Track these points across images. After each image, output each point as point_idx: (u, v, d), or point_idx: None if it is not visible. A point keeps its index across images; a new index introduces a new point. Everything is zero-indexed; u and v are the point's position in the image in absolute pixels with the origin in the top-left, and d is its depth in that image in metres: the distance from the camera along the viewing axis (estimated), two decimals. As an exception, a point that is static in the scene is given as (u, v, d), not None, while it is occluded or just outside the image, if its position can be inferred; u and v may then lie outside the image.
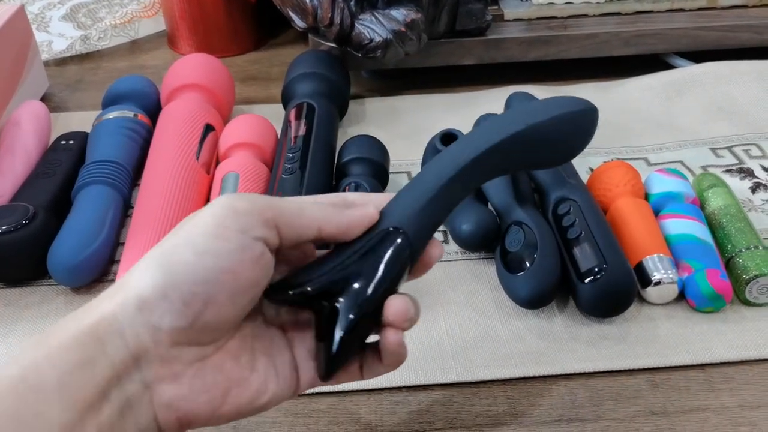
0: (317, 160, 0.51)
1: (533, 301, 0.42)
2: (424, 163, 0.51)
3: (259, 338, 0.30)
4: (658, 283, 0.43)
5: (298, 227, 0.29)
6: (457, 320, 0.43)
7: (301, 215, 0.29)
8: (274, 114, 0.60)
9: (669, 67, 0.69)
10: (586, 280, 0.42)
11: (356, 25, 0.59)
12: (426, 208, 0.31)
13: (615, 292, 0.41)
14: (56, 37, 0.75)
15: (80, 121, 0.62)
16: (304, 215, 0.29)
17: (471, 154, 0.32)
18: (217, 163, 0.54)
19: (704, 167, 0.56)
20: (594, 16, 0.68)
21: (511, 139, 0.33)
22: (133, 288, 0.26)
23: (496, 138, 0.33)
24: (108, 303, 0.27)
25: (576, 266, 0.43)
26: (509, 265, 0.43)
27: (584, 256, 0.43)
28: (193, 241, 0.27)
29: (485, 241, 0.46)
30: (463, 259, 0.48)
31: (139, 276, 0.27)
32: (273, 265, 0.29)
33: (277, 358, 0.31)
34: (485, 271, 0.47)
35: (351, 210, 0.31)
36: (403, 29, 0.58)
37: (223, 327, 0.28)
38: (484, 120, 0.53)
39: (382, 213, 0.31)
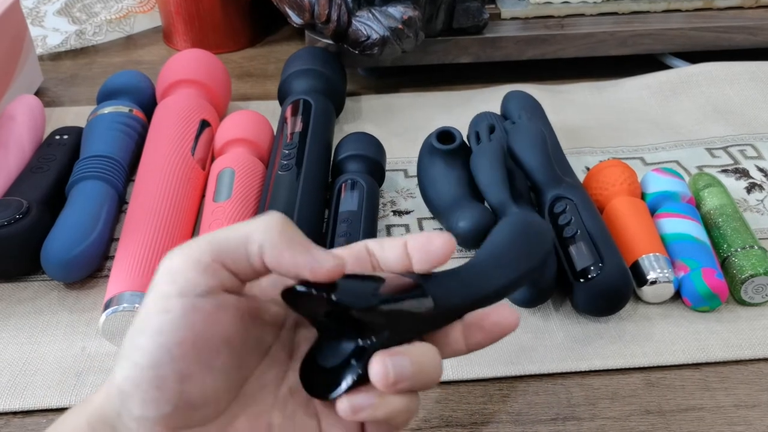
0: (314, 156, 0.50)
1: (530, 301, 0.42)
2: (420, 161, 0.51)
3: (278, 411, 0.28)
4: (653, 282, 0.43)
5: (246, 261, 0.26)
6: (453, 318, 0.43)
7: (245, 246, 0.26)
8: (270, 111, 0.60)
9: (665, 67, 0.69)
10: (582, 279, 0.41)
11: (353, 22, 0.59)
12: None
13: (610, 291, 0.41)
14: (51, 32, 0.75)
15: (75, 115, 0.62)
16: (250, 246, 0.26)
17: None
18: (213, 159, 0.54)
19: (700, 167, 0.56)
20: (591, 15, 0.68)
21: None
22: (114, 380, 0.25)
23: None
24: (99, 396, 0.26)
25: (572, 265, 0.43)
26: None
27: (580, 255, 0.43)
28: (143, 323, 0.25)
29: (482, 239, 0.46)
30: (460, 257, 0.48)
31: (118, 367, 0.25)
32: (245, 307, 0.27)
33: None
34: (481, 270, 0.46)
35: (305, 253, 0.26)
36: (400, 27, 0.58)
37: (215, 397, 0.26)
38: (480, 121, 0.53)
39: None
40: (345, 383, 0.27)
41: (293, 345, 0.29)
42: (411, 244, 0.29)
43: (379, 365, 0.25)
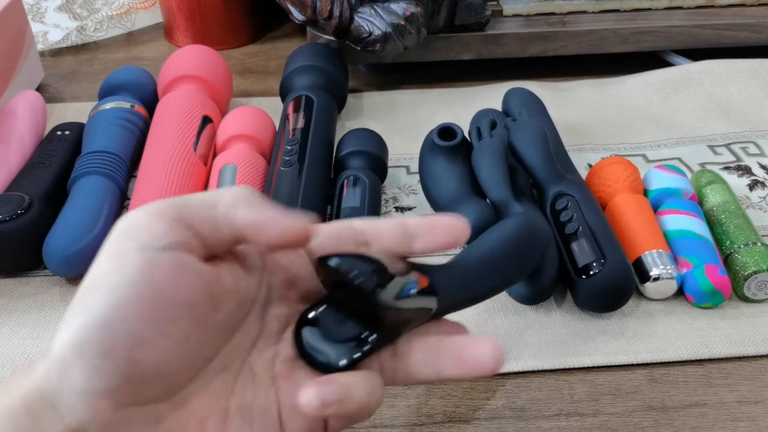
0: (316, 152, 0.50)
1: (532, 298, 0.42)
2: (421, 157, 0.51)
3: (237, 396, 0.25)
4: (656, 279, 0.43)
5: (211, 223, 0.24)
6: (454, 315, 0.43)
7: (212, 207, 0.25)
8: (271, 107, 0.60)
9: (667, 64, 0.69)
10: (584, 276, 0.41)
11: (355, 18, 0.59)
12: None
13: (612, 288, 0.41)
14: (52, 28, 0.75)
15: (76, 111, 0.62)
16: (217, 207, 0.25)
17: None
18: (215, 155, 0.54)
19: (702, 164, 0.56)
20: (593, 12, 0.68)
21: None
22: (54, 352, 0.22)
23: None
24: (36, 372, 0.23)
25: (574, 262, 0.43)
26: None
27: (582, 251, 0.42)
28: (93, 282, 0.23)
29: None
30: (462, 254, 0.47)
31: (59, 334, 0.23)
32: (208, 273, 0.24)
33: (256, 423, 0.25)
34: (484, 266, 0.46)
35: (276, 212, 0.25)
36: (402, 23, 0.58)
37: (170, 372, 0.23)
38: (481, 117, 0.53)
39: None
40: (342, 361, 0.27)
41: (262, 327, 0.28)
42: (416, 223, 0.28)
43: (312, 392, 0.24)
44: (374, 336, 0.27)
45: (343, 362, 0.27)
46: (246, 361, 0.27)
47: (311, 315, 0.28)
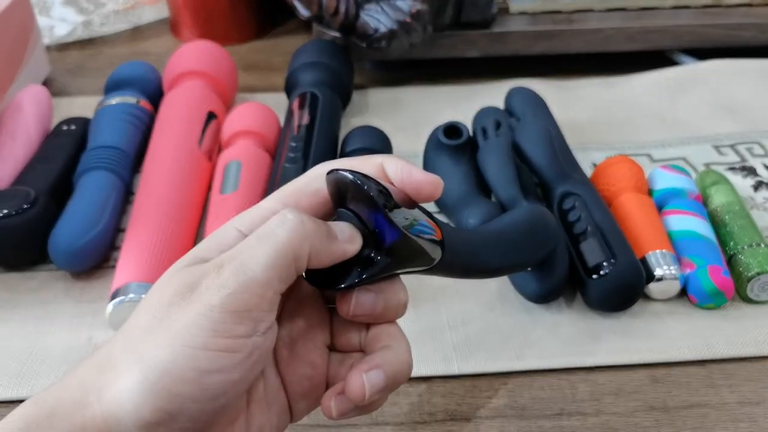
0: (320, 149, 0.50)
1: (544, 296, 0.42)
2: (426, 155, 0.51)
3: (252, 387, 0.27)
4: (660, 279, 0.43)
5: (297, 272, 0.26)
6: (459, 312, 0.43)
7: (296, 261, 0.25)
8: (276, 103, 0.60)
9: (673, 63, 0.69)
10: (594, 276, 0.41)
11: (361, 14, 0.59)
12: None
13: (624, 287, 0.41)
14: (58, 22, 0.75)
15: (82, 106, 0.62)
16: (299, 259, 0.25)
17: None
18: (220, 151, 0.54)
19: (707, 164, 0.56)
20: (599, 11, 0.68)
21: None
22: (131, 414, 0.23)
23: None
24: (98, 414, 0.23)
25: (583, 261, 0.43)
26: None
27: (591, 251, 0.42)
28: (194, 357, 0.23)
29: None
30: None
31: (135, 399, 0.23)
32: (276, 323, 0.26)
33: (273, 409, 0.28)
34: (487, 264, 0.47)
35: (339, 247, 0.26)
36: (408, 20, 0.58)
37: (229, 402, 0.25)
38: (485, 116, 0.53)
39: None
40: (346, 282, 0.27)
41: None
42: (393, 174, 0.28)
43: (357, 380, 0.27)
44: (378, 258, 0.27)
45: (347, 283, 0.27)
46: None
47: None
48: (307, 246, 0.25)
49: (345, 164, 0.28)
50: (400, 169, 0.28)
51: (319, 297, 0.30)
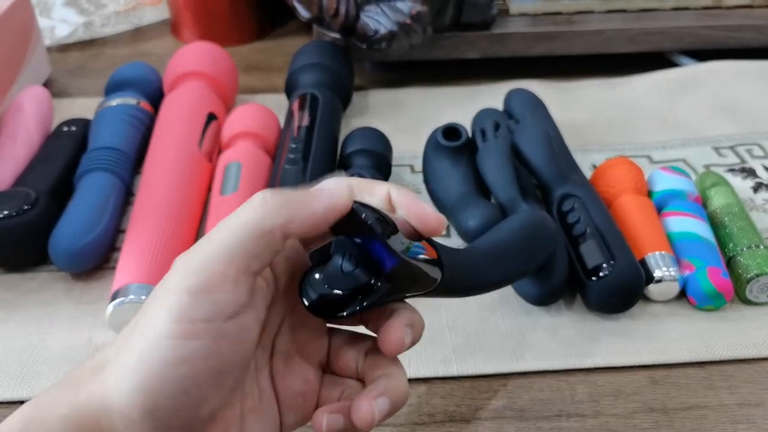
0: (320, 151, 0.50)
1: (544, 299, 0.42)
2: (425, 157, 0.51)
3: (247, 396, 0.27)
4: (659, 281, 0.43)
5: (271, 251, 0.25)
6: (459, 314, 0.43)
7: (269, 236, 0.25)
8: (277, 104, 0.60)
9: (673, 65, 0.69)
10: (594, 278, 0.42)
11: (361, 16, 0.59)
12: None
13: (624, 289, 0.41)
14: (59, 23, 0.75)
15: (83, 107, 0.62)
16: (274, 234, 0.25)
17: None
18: (220, 152, 0.54)
19: (707, 166, 0.56)
20: (599, 12, 0.68)
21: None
22: (116, 405, 0.23)
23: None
24: (81, 395, 0.24)
25: (583, 263, 0.43)
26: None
27: (591, 253, 0.43)
28: (157, 346, 0.23)
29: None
30: (465, 253, 0.48)
31: (119, 388, 0.23)
32: (257, 319, 0.25)
33: (266, 417, 0.28)
34: (487, 266, 0.47)
35: (320, 202, 0.26)
36: (408, 21, 0.58)
37: (216, 409, 0.25)
38: (484, 117, 0.53)
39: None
40: (347, 310, 0.27)
41: (265, 324, 0.28)
42: (398, 200, 0.28)
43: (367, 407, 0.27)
44: (379, 284, 0.26)
45: (348, 311, 0.27)
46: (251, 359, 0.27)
47: (315, 264, 0.27)
48: (278, 217, 0.25)
49: (354, 183, 0.28)
50: (404, 195, 0.29)
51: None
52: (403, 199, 0.28)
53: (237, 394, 0.26)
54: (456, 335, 0.42)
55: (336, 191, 0.26)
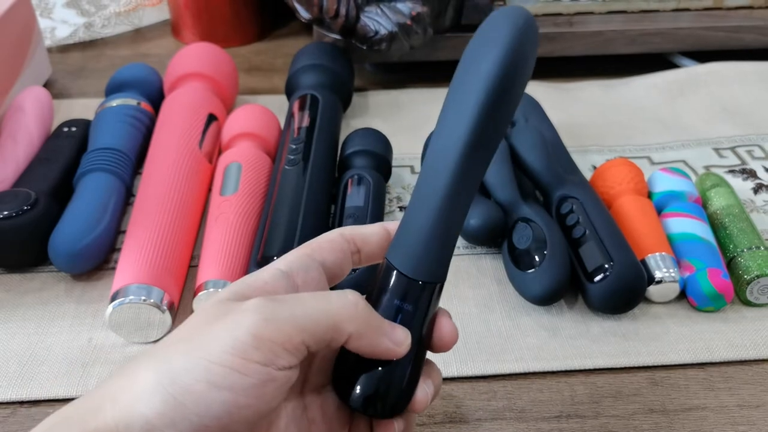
0: (320, 151, 0.50)
1: (546, 299, 0.42)
2: (424, 157, 0.51)
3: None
4: (659, 282, 0.43)
5: (328, 344, 0.26)
6: (458, 314, 0.43)
7: (335, 333, 0.26)
8: (277, 105, 0.60)
9: (674, 66, 0.69)
10: (595, 279, 0.42)
11: (361, 17, 0.59)
12: (434, 249, 0.29)
13: (623, 290, 0.41)
14: (59, 24, 0.75)
15: (83, 108, 0.62)
16: (340, 334, 0.26)
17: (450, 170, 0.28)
18: (220, 153, 0.54)
19: (707, 167, 0.56)
20: (600, 13, 0.68)
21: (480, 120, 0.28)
22: (139, 414, 0.23)
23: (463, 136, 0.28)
24: (109, 418, 0.24)
25: (583, 265, 0.43)
26: (518, 262, 0.43)
27: (590, 254, 0.43)
28: (207, 368, 0.24)
29: (492, 236, 0.46)
30: (468, 254, 0.48)
31: (146, 399, 0.24)
32: (298, 369, 0.27)
33: None
34: (490, 266, 0.47)
35: (387, 337, 0.27)
36: (408, 22, 0.58)
37: None
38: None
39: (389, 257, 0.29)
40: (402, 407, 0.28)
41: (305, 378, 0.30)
42: (395, 227, 0.30)
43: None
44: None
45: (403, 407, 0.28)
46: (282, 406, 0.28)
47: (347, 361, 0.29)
48: (353, 326, 0.26)
49: (351, 232, 0.30)
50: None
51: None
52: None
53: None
54: (456, 336, 0.42)
55: (400, 341, 0.28)
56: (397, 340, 0.27)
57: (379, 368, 0.28)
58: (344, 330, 0.26)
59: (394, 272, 0.29)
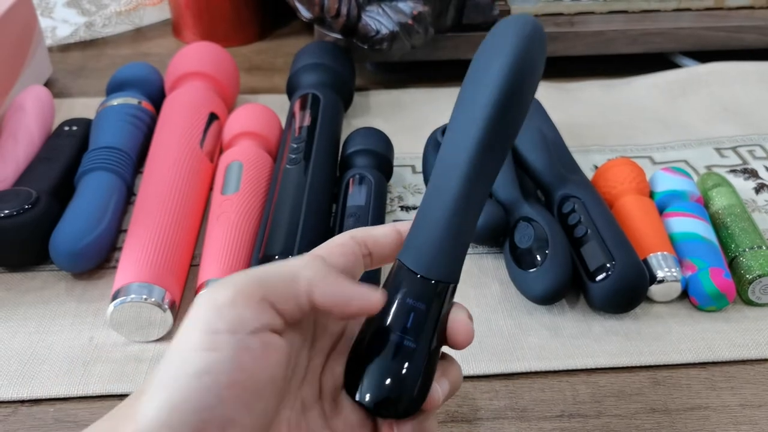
0: (322, 151, 0.50)
1: (548, 298, 0.42)
2: (425, 156, 0.51)
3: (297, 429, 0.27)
4: (661, 281, 0.43)
5: (294, 300, 0.26)
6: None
7: (294, 284, 0.26)
8: (278, 104, 0.60)
9: (675, 66, 0.69)
10: (597, 279, 0.41)
11: (363, 16, 0.59)
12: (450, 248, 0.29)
13: (625, 289, 0.41)
14: (60, 23, 0.75)
15: (84, 107, 0.62)
16: (299, 284, 0.26)
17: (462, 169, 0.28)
18: (221, 152, 0.54)
19: (708, 167, 0.56)
20: (601, 13, 0.68)
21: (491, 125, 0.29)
22: (142, 423, 0.23)
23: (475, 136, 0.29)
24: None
25: (584, 265, 0.43)
26: (520, 261, 0.43)
27: (592, 254, 0.42)
28: (184, 359, 0.23)
29: (494, 235, 0.46)
30: (469, 253, 0.47)
31: (146, 406, 0.23)
32: (286, 346, 0.25)
33: None
34: (492, 266, 0.47)
35: (354, 287, 0.27)
36: (409, 22, 0.58)
37: None
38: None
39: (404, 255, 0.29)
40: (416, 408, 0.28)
41: (309, 362, 0.29)
42: (407, 228, 0.30)
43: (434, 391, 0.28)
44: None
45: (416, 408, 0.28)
46: (297, 397, 0.28)
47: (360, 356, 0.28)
48: (310, 271, 0.26)
49: (362, 234, 0.30)
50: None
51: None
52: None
53: (281, 429, 0.26)
54: (457, 335, 0.42)
55: (367, 291, 0.27)
56: (363, 293, 0.27)
57: (392, 368, 0.27)
58: (301, 276, 0.26)
59: (407, 272, 0.28)
